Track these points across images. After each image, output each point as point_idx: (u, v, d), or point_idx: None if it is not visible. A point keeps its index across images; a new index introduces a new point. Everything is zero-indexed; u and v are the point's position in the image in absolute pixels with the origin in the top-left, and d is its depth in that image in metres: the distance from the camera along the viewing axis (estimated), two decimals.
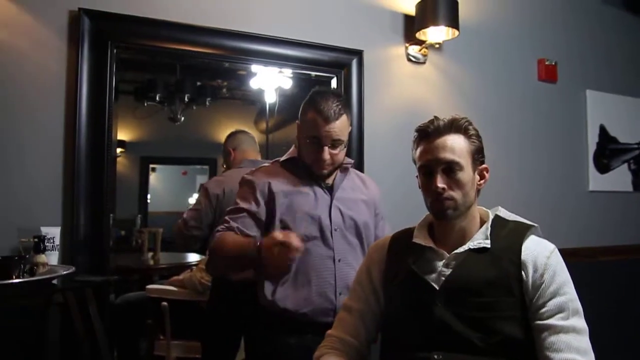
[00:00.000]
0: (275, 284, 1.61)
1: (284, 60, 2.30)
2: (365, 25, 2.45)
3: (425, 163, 1.29)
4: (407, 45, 2.52)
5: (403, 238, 1.41)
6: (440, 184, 1.25)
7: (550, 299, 1.21)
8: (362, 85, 2.39)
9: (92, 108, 1.92)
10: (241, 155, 2.38)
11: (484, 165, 1.34)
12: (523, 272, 1.24)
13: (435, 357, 1.20)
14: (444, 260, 1.29)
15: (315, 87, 1.75)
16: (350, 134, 2.36)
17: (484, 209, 1.38)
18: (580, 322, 1.21)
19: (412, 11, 2.49)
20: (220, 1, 2.18)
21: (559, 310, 1.20)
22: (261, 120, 3.17)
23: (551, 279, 1.22)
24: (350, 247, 1.67)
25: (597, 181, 3.01)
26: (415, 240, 1.36)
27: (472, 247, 1.28)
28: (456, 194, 1.26)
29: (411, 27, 2.49)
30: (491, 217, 1.34)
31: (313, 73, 2.38)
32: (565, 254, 1.28)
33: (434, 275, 1.28)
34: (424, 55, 2.54)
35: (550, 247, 1.28)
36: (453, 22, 2.38)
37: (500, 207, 1.38)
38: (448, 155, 1.26)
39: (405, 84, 2.52)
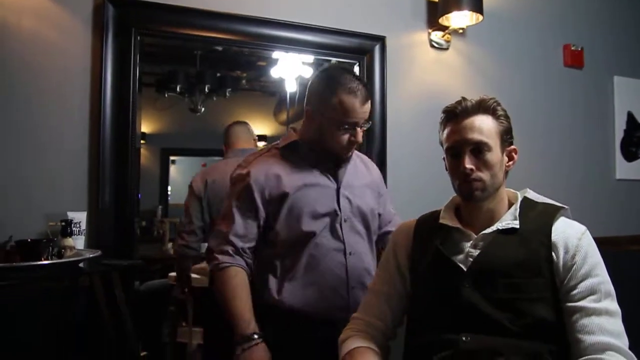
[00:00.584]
0: (282, 281, 1.51)
1: (305, 47, 2.28)
2: (388, 10, 2.42)
3: (453, 144, 1.27)
4: (429, 31, 2.49)
5: (429, 220, 1.39)
6: (469, 164, 1.23)
7: (581, 281, 1.18)
8: (384, 71, 2.37)
9: (117, 94, 1.93)
10: (230, 146, 2.38)
11: (512, 147, 1.31)
12: (554, 254, 1.21)
13: (464, 338, 1.18)
14: (471, 242, 1.26)
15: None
16: (372, 120, 2.36)
17: (512, 190, 1.35)
18: (612, 305, 1.18)
19: None
20: None
21: (591, 292, 1.18)
22: (281, 111, 3.16)
23: (583, 261, 1.19)
24: (360, 237, 1.59)
25: (624, 169, 2.94)
26: (442, 221, 1.33)
27: (500, 228, 1.25)
28: (484, 175, 1.24)
29: (434, 12, 2.46)
30: (520, 198, 1.31)
31: (334, 59, 2.36)
32: None
33: (461, 257, 1.26)
34: (447, 41, 2.50)
35: (582, 228, 1.25)
36: (477, 7, 2.34)
37: (528, 189, 1.35)
38: (476, 136, 1.24)
39: (428, 70, 2.49)
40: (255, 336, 1.42)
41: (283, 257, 1.52)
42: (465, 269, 1.23)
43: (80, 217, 1.81)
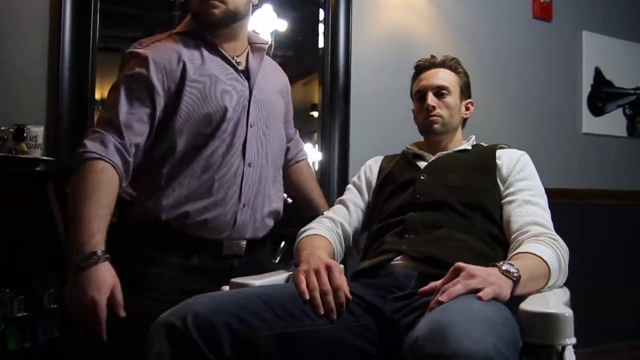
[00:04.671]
0: (161, 191, 1.28)
1: None
2: None
3: (420, 89, 1.52)
4: None
5: (395, 154, 1.62)
6: (432, 102, 1.48)
7: (520, 181, 1.36)
8: (350, 10, 2.38)
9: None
10: None
11: (469, 100, 1.58)
12: (497, 160, 1.42)
13: (411, 213, 1.35)
14: (432, 157, 1.51)
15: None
16: (336, 59, 2.37)
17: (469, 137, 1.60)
18: (546, 204, 1.34)
19: None
20: None
21: (527, 188, 1.34)
22: None
23: (522, 168, 1.39)
24: (263, 150, 1.41)
25: (591, 124, 2.98)
26: (408, 146, 1.60)
27: (455, 150, 1.51)
28: (444, 112, 1.49)
29: None
30: (473, 142, 1.56)
31: None
32: (557, 194, 1.45)
33: (423, 163, 1.50)
34: None
35: (522, 151, 1.47)
36: None
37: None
38: (439, 82, 1.50)
39: (394, 13, 2.50)
40: (99, 253, 1.09)
41: (168, 162, 1.29)
42: (422, 167, 1.46)
43: (37, 131, 1.82)
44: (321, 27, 2.42)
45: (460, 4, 2.65)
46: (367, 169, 1.61)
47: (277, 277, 1.29)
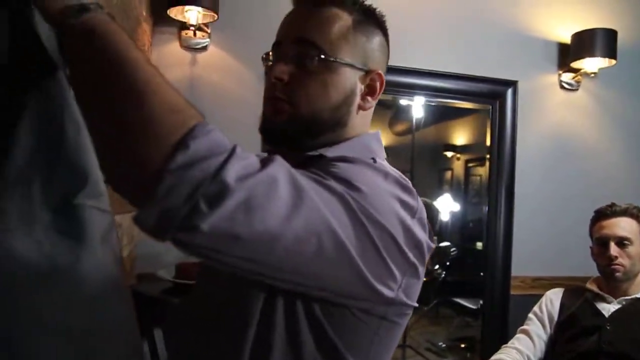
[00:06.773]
0: None
1: (441, 92, 2.50)
2: (520, 55, 2.56)
3: (602, 236, 1.66)
4: (560, 72, 2.60)
5: (576, 288, 1.77)
6: (614, 252, 1.61)
7: None
8: (515, 113, 2.52)
9: None
10: None
11: None
12: None
13: None
14: (614, 301, 1.63)
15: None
16: (502, 156, 2.51)
17: None
18: None
19: (566, 39, 2.56)
20: None
21: None
22: (396, 123, 3.34)
23: None
24: None
25: None
26: (588, 285, 1.73)
27: (637, 296, 1.62)
28: (625, 262, 1.61)
29: (565, 54, 2.57)
30: None
31: (468, 103, 2.57)
32: None
33: (605, 306, 1.63)
34: (577, 82, 2.60)
35: None
36: (610, 53, 2.41)
37: None
38: (621, 232, 1.64)
39: (557, 111, 2.60)
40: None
41: None
42: (607, 316, 1.60)
43: None
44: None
45: (623, 99, 2.68)
46: (547, 302, 1.77)
47: None
